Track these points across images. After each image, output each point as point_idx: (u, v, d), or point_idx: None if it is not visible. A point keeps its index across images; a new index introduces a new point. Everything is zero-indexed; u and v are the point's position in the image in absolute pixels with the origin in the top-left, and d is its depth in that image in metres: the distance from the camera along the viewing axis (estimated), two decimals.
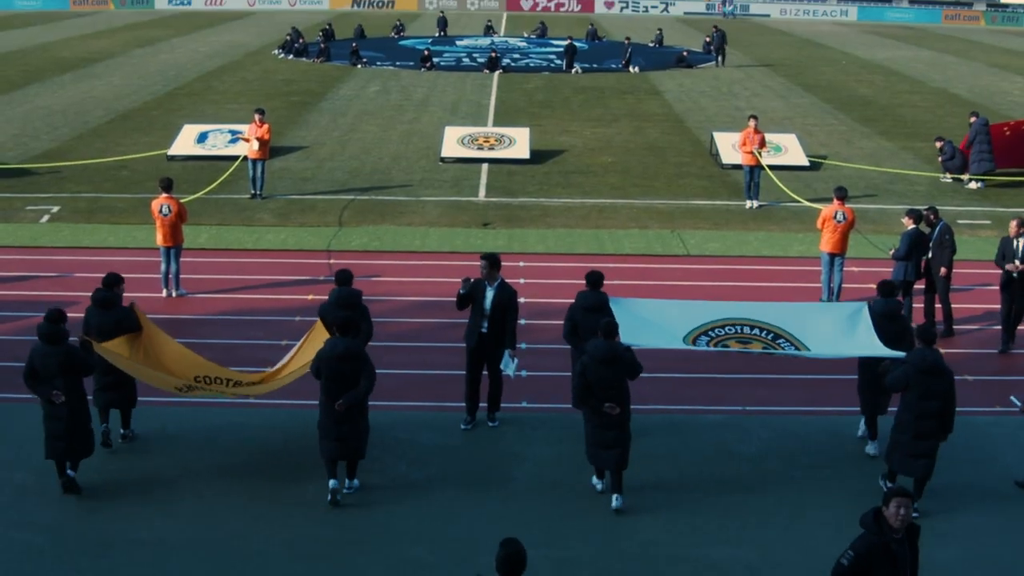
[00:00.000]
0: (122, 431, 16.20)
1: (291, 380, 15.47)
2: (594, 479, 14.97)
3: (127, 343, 15.40)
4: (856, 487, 14.90)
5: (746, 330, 15.85)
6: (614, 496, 14.40)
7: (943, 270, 20.88)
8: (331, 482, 14.36)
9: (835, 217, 22.17)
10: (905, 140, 40.36)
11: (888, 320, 15.91)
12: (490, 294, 16.39)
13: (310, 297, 21.80)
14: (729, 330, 15.85)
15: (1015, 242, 20.33)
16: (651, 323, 15.88)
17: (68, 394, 14.26)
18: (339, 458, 14.41)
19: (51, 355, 14.26)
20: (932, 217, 21.25)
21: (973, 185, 33.12)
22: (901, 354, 14.83)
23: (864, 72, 60.45)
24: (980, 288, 23.57)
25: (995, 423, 17.13)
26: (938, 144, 34.14)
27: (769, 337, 15.69)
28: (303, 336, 15.91)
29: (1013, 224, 20.41)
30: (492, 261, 16.51)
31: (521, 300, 17.26)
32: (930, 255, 21.00)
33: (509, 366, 16.21)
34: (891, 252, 21.24)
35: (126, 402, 16.01)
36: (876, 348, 15.42)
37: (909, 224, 21.00)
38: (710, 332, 15.80)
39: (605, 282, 16.62)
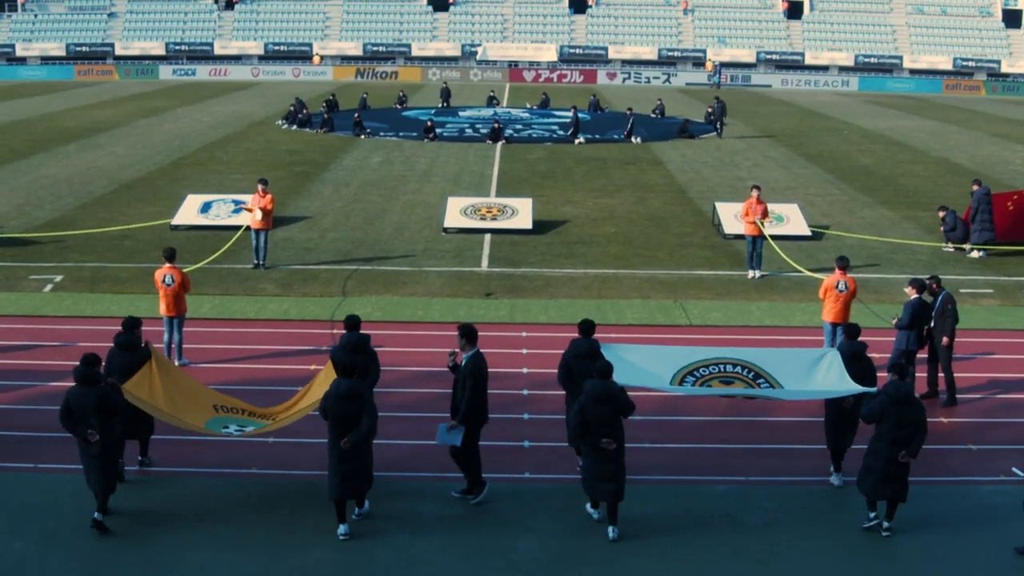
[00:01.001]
0: (140, 458, 17.34)
1: (300, 417, 16.57)
2: (588, 507, 16.01)
3: (146, 383, 16.40)
4: (864, 554, 14.81)
5: (728, 368, 17.18)
6: (610, 528, 15.38)
7: (945, 339, 20.85)
8: (340, 528, 15.24)
9: (837, 287, 22.16)
10: (907, 210, 40.43)
11: (855, 360, 17.22)
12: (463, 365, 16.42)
13: (312, 367, 21.75)
14: (713, 369, 17.17)
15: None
16: (640, 366, 17.19)
17: (101, 432, 15.25)
18: (347, 497, 15.29)
19: (86, 396, 15.25)
20: (935, 286, 21.24)
21: (975, 254, 33.13)
22: (872, 389, 16.32)
23: (866, 142, 60.68)
24: (982, 357, 23.49)
25: (998, 492, 17.03)
26: (941, 214, 34.21)
27: (750, 376, 17.06)
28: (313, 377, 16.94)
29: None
30: (461, 332, 16.39)
31: (524, 371, 17.23)
32: (932, 324, 20.98)
33: (445, 436, 16.19)
34: (894, 321, 21.23)
35: (144, 432, 17.21)
36: (847, 386, 16.73)
37: (912, 294, 20.99)
38: (695, 372, 17.13)
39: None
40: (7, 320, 25.25)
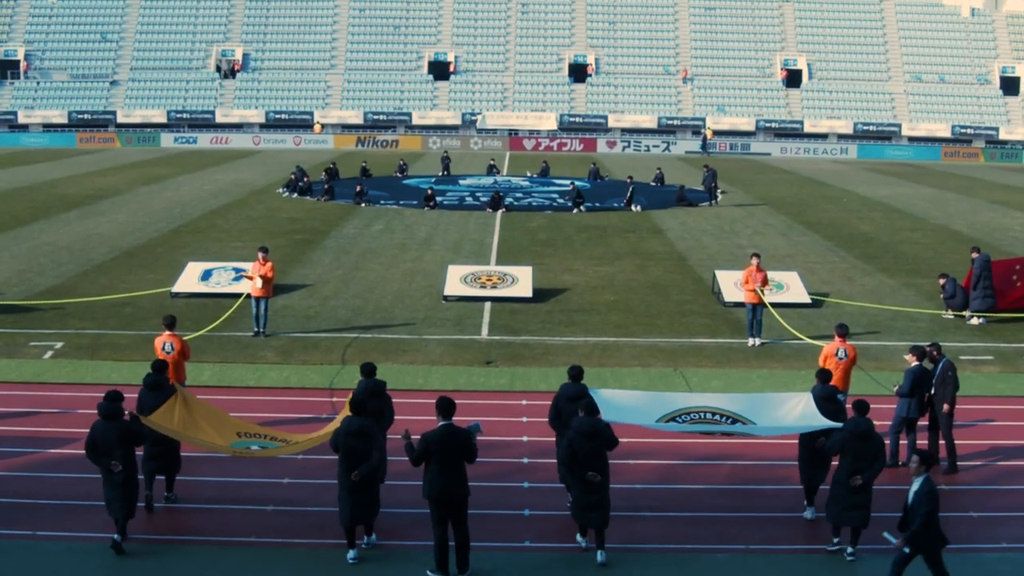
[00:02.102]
0: (166, 494, 18.67)
1: (315, 444, 18.33)
2: (579, 537, 17.28)
3: (172, 412, 17.97)
4: None
5: (707, 415, 18.51)
6: (598, 552, 16.69)
7: (946, 406, 20.83)
8: (350, 553, 16.58)
9: (837, 354, 22.17)
10: (907, 277, 40.48)
11: (826, 402, 18.67)
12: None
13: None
14: (694, 416, 18.54)
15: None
16: (627, 408, 18.65)
17: (124, 463, 16.68)
18: (356, 523, 16.61)
19: (110, 429, 16.75)
20: (935, 354, 21.25)
21: (975, 321, 33.14)
22: (839, 425, 17.71)
23: (865, 209, 60.84)
24: (983, 424, 23.45)
25: (1001, 559, 16.99)
26: (941, 281, 34.28)
27: (728, 422, 18.39)
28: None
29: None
30: (437, 407, 16.42)
31: (524, 439, 17.27)
32: (933, 391, 20.97)
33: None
34: (895, 389, 21.21)
35: (171, 468, 18.64)
36: (818, 422, 18.14)
37: (912, 361, 21.00)
38: (678, 419, 18.48)
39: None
40: (7, 387, 25.23)
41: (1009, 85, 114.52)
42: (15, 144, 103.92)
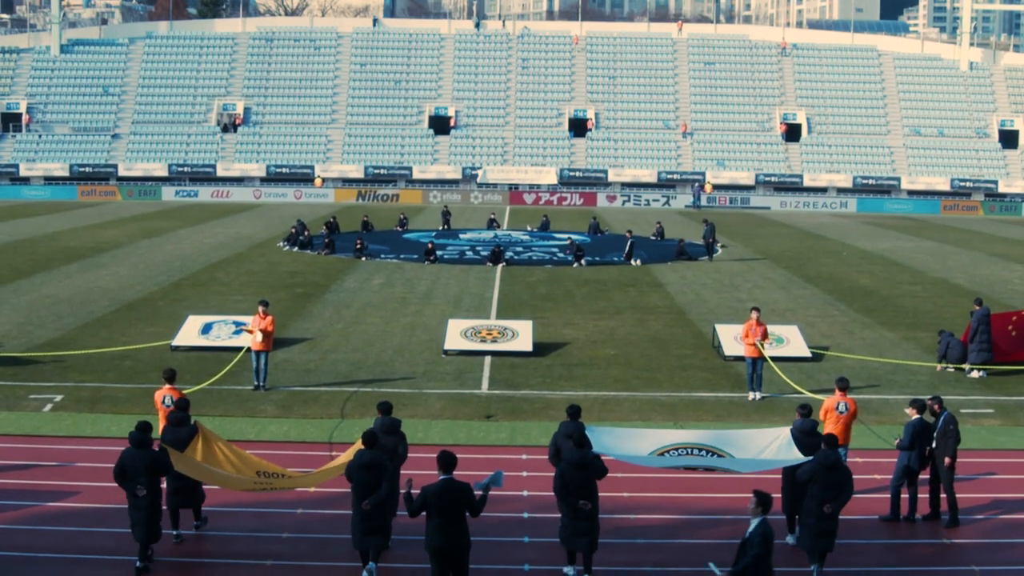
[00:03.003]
0: (195, 523, 19.65)
1: (330, 478, 19.78)
2: (566, 568, 18.27)
3: (196, 452, 19.04)
4: None
5: (694, 451, 19.99)
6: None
7: (948, 460, 20.81)
8: (370, 565, 17.81)
9: (837, 408, 22.18)
10: (906, 330, 40.50)
11: (806, 435, 20.03)
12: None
13: (312, 489, 21.67)
14: (682, 451, 20.01)
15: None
16: (619, 442, 20.29)
17: (149, 490, 17.70)
18: (367, 548, 17.72)
19: (138, 457, 17.82)
20: (936, 407, 21.25)
21: (975, 374, 33.15)
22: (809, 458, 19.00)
23: (864, 263, 60.93)
24: (984, 478, 23.41)
25: None
26: (939, 337, 34.39)
27: (711, 456, 19.92)
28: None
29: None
30: (438, 461, 16.65)
31: (524, 493, 17.28)
32: (935, 445, 20.96)
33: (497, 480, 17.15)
34: (896, 442, 21.21)
35: (195, 500, 19.55)
36: (794, 456, 19.47)
37: (913, 414, 21.03)
38: (667, 454, 19.94)
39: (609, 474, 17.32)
40: (6, 439, 25.22)
41: (1008, 138, 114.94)
42: (17, 197, 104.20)
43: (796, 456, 19.44)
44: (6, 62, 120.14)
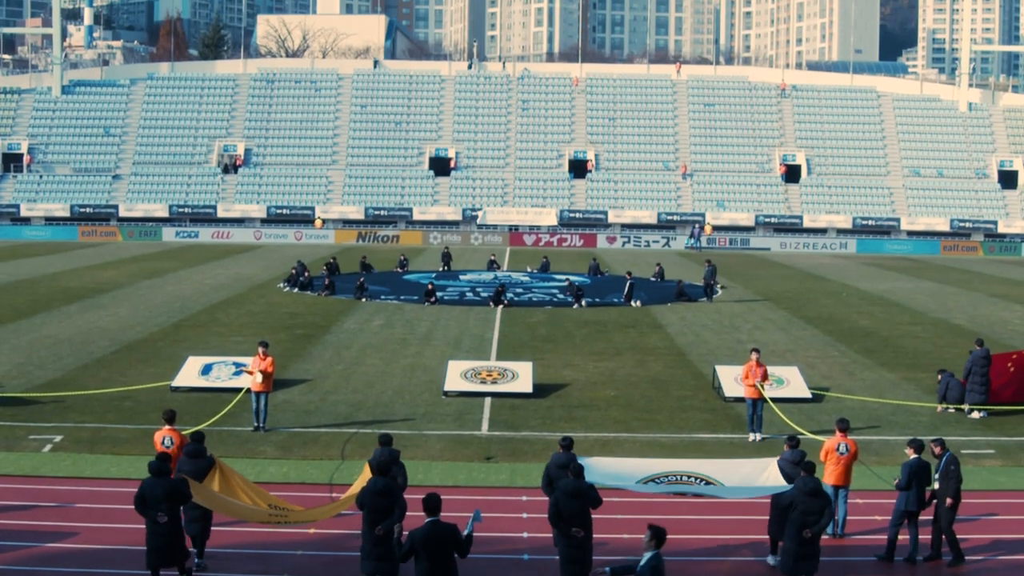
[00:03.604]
0: (196, 561, 19.96)
1: (342, 509, 20.74)
2: None
3: (214, 484, 19.91)
4: None
5: (683, 477, 21.31)
6: None
7: (949, 500, 20.79)
8: None
9: (838, 449, 22.16)
10: (907, 371, 40.49)
11: (793, 465, 20.91)
12: None
13: (311, 531, 21.62)
14: (672, 478, 21.29)
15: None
16: (610, 472, 21.31)
17: (169, 516, 18.28)
18: (374, 573, 18.03)
19: (158, 486, 18.39)
20: (938, 449, 21.24)
21: (975, 415, 33.12)
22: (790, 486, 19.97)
23: (864, 304, 60.94)
24: (986, 518, 23.36)
25: None
26: (939, 377, 34.37)
27: (700, 483, 21.18)
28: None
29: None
30: (423, 504, 16.84)
31: (524, 535, 17.30)
32: (937, 486, 20.94)
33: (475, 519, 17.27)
34: (895, 482, 21.21)
35: (204, 533, 20.14)
36: (779, 484, 20.65)
37: (911, 454, 21.04)
38: (657, 480, 21.24)
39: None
40: (5, 480, 25.17)
41: (1007, 179, 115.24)
42: (17, 237, 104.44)
43: (782, 484, 20.60)
44: (8, 102, 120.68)
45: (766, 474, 21.34)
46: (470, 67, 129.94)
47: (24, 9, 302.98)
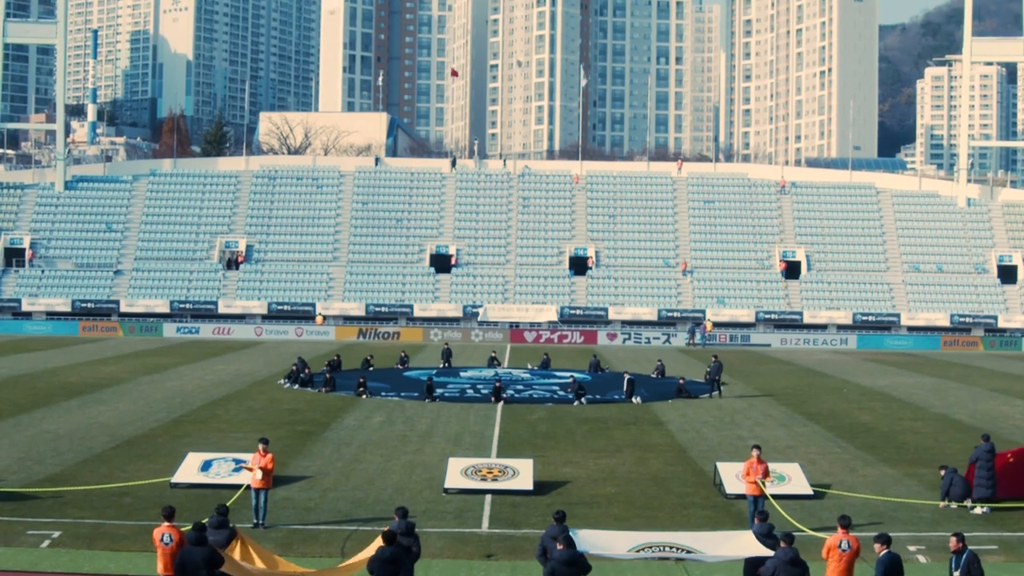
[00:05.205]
0: None
1: (353, 572, 22.82)
2: None
3: (237, 552, 22.18)
4: None
5: (667, 548, 23.49)
6: None
7: None
8: None
9: (840, 546, 22.08)
10: (908, 467, 40.37)
11: (765, 537, 22.77)
12: None
13: None
14: (657, 548, 23.43)
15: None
16: (601, 543, 23.14)
17: None
18: None
19: (197, 554, 20.47)
20: (956, 544, 21.36)
21: (978, 510, 33.01)
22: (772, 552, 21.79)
23: (865, 399, 60.88)
24: None
25: None
26: (941, 472, 34.27)
27: (683, 552, 23.43)
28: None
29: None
30: None
31: None
32: None
33: None
34: None
35: None
36: (757, 551, 22.53)
37: (880, 551, 21.12)
38: (644, 550, 23.26)
39: None
40: (3, 575, 25.05)
41: (1006, 273, 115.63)
42: (18, 332, 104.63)
43: (760, 550, 22.48)
44: (10, 197, 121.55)
45: (743, 541, 23.50)
46: (453, 165, 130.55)
47: (28, 105, 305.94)
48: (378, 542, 21.63)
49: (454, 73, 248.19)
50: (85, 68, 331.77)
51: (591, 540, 22.87)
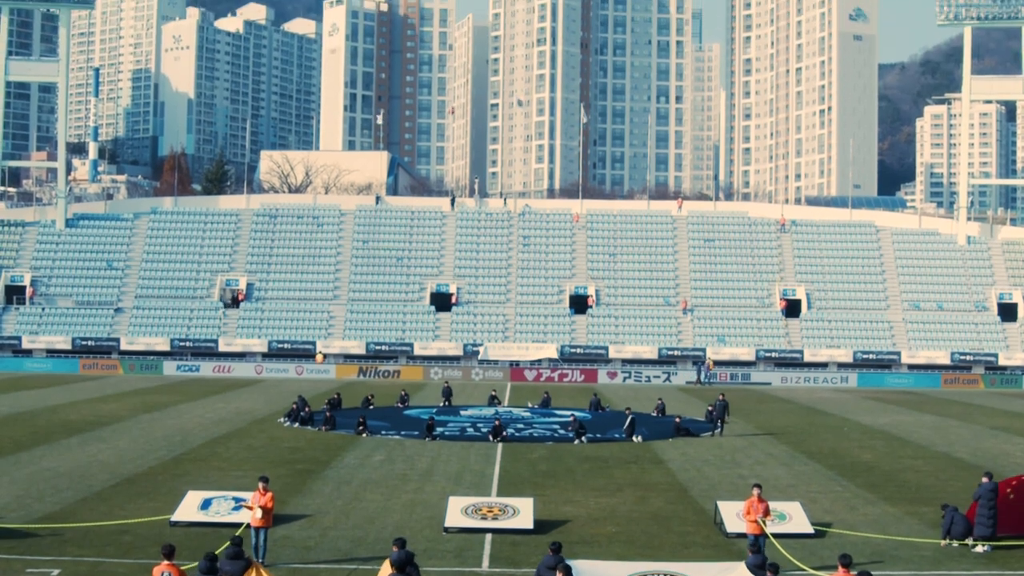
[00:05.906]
0: None
1: None
2: None
3: None
4: None
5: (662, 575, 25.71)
6: None
7: None
8: None
9: None
10: (909, 505, 40.32)
11: (758, 568, 24.21)
12: None
13: None
14: (650, 575, 25.26)
15: None
16: (596, 573, 25.13)
17: None
18: None
19: (236, 568, 22.17)
20: None
21: (980, 549, 32.94)
22: None
23: (866, 438, 60.84)
24: None
25: None
26: (943, 511, 34.23)
27: None
28: None
29: None
30: None
31: None
32: None
33: None
34: None
35: None
36: None
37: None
38: None
39: None
40: None
41: (1007, 311, 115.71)
42: (18, 369, 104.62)
43: None
44: (11, 235, 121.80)
45: (737, 573, 25.00)
46: (453, 205, 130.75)
47: (30, 143, 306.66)
48: (386, 569, 22.92)
49: (451, 111, 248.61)
50: (87, 106, 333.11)
51: (588, 570, 23.97)
